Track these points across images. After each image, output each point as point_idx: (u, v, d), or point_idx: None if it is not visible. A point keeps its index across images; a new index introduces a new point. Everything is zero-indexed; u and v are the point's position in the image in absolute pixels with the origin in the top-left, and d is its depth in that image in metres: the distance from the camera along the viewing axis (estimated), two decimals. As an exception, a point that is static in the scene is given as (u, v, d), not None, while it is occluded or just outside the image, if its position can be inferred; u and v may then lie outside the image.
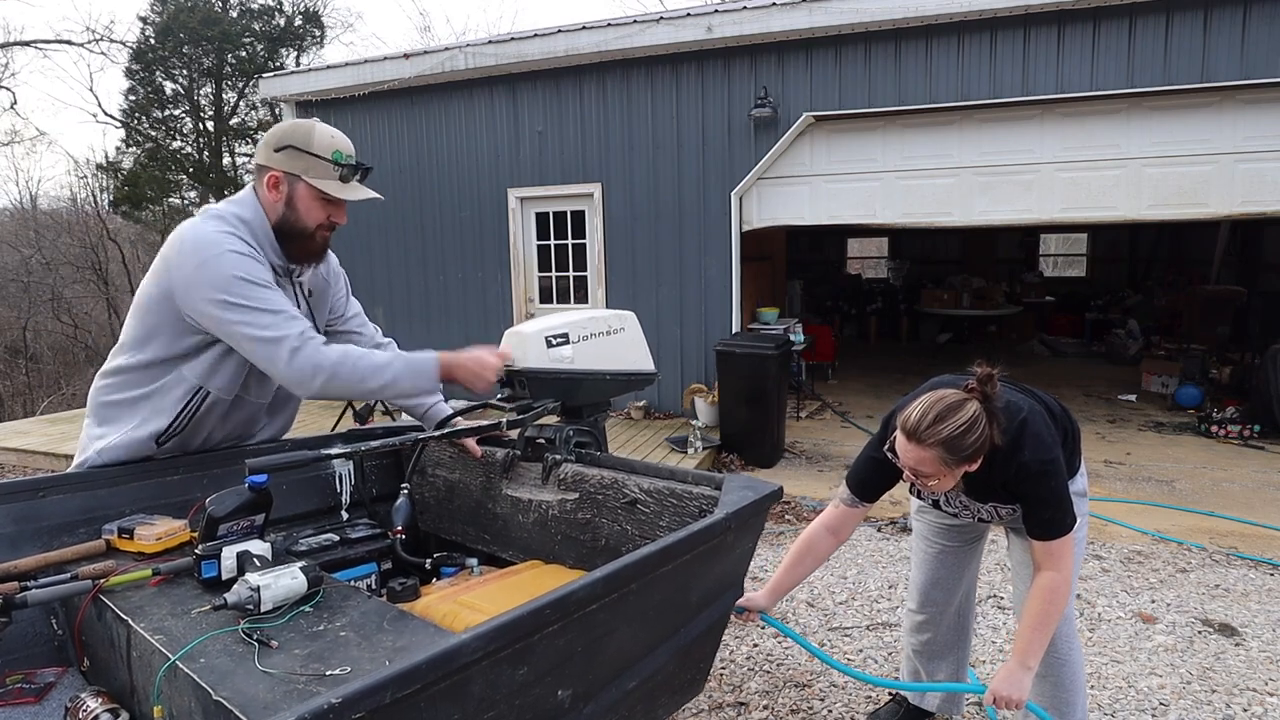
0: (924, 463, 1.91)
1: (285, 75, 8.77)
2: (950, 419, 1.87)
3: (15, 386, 17.69)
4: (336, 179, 2.02)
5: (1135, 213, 6.01)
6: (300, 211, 2.02)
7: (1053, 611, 1.97)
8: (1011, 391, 2.08)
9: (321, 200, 2.03)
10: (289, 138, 1.99)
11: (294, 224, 2.03)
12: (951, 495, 2.20)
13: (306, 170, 1.99)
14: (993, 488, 2.06)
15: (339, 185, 2.03)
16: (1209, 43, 5.49)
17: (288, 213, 2.02)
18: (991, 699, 1.96)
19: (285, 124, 2.06)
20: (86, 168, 23.64)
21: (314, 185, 2.00)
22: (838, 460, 6.30)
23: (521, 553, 2.27)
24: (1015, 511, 2.12)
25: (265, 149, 2.03)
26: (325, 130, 2.03)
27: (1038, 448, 1.95)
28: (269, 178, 2.01)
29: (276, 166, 2.00)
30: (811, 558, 2.29)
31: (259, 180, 2.03)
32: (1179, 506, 5.08)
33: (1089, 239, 14.42)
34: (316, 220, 2.05)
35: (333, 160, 2.01)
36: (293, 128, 2.02)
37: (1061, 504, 1.98)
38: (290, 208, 2.02)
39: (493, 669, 1.24)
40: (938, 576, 2.51)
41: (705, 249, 7.06)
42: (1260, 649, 3.28)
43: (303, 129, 2.01)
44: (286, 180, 2.00)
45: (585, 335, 2.29)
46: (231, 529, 1.66)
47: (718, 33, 6.54)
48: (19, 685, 1.64)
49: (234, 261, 1.88)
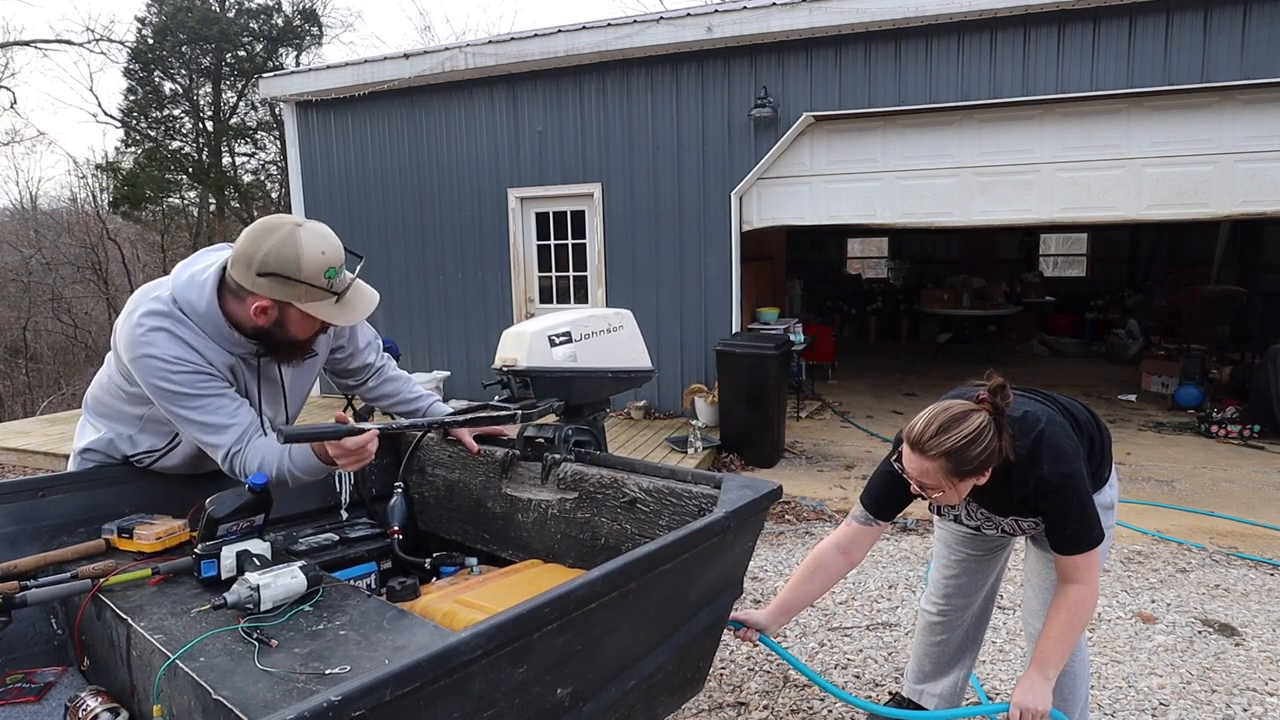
0: (928, 474, 1.86)
1: (285, 75, 8.77)
2: (954, 430, 1.82)
3: (15, 386, 17.71)
4: (332, 300, 1.82)
5: (1135, 213, 6.01)
6: (292, 332, 1.87)
7: (1078, 624, 1.93)
8: (1030, 400, 2.03)
9: (314, 319, 1.86)
10: (274, 264, 1.73)
11: (283, 339, 1.89)
12: (972, 509, 2.16)
13: (298, 298, 1.78)
14: (1012, 502, 2.00)
15: (335, 309, 1.83)
16: (1209, 43, 5.49)
17: (275, 330, 1.86)
18: (1018, 714, 1.89)
19: (263, 242, 1.75)
20: (86, 168, 23.68)
21: (308, 313, 1.82)
22: (837, 460, 6.30)
23: (521, 552, 2.27)
24: (1038, 525, 2.06)
25: (245, 270, 1.76)
26: (312, 245, 1.76)
27: (1057, 460, 1.89)
28: (256, 306, 1.79)
29: (262, 294, 1.77)
30: (820, 577, 2.20)
31: (239, 299, 1.81)
32: (1179, 506, 5.09)
33: (1089, 239, 14.42)
34: (309, 334, 1.91)
35: (326, 282, 1.78)
36: (278, 250, 1.74)
37: (1085, 518, 1.91)
38: (280, 328, 1.86)
39: (492, 668, 1.24)
40: (959, 583, 2.45)
41: (705, 249, 7.06)
42: (1260, 649, 3.28)
43: (288, 251, 1.74)
44: (276, 307, 1.81)
45: (586, 334, 2.29)
46: (231, 529, 1.66)
47: (718, 33, 6.55)
48: (19, 684, 1.64)
49: (157, 369, 1.78)
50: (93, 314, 19.67)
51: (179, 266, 1.92)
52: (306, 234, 1.78)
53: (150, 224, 21.00)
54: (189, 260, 1.95)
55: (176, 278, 1.88)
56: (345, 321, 1.88)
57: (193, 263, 1.92)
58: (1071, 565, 1.95)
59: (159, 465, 2.08)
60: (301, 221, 1.82)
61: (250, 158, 22.01)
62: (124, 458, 2.06)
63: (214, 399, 1.85)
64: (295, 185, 8.73)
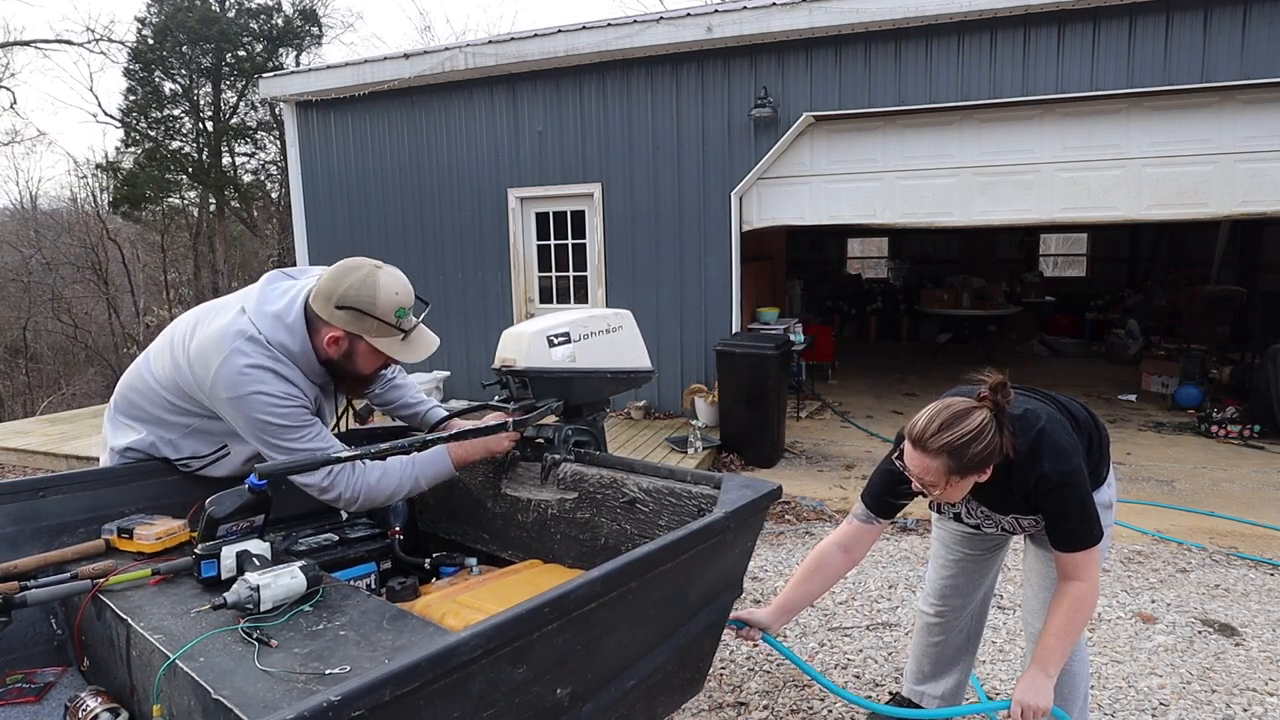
0: (929, 471, 1.87)
1: (285, 75, 8.77)
2: (956, 427, 1.83)
3: (15, 386, 17.71)
4: (400, 338, 1.98)
5: (1135, 213, 6.01)
6: (358, 365, 2.01)
7: (1078, 621, 1.93)
8: (1030, 399, 2.04)
9: (382, 354, 2.00)
10: (353, 299, 1.91)
11: (349, 371, 2.03)
12: (973, 507, 2.16)
13: (369, 331, 1.95)
14: (1013, 499, 2.01)
15: (401, 346, 2.00)
16: (1209, 43, 5.49)
17: (343, 362, 2.00)
18: (1019, 711, 1.90)
19: (345, 279, 1.94)
20: (86, 168, 23.68)
21: (377, 347, 1.97)
22: (837, 460, 6.30)
23: (521, 552, 2.27)
24: (1038, 523, 2.07)
25: (325, 303, 1.94)
26: (388, 286, 1.94)
27: (1058, 458, 1.90)
28: (329, 336, 1.95)
29: (338, 325, 1.94)
30: (821, 576, 2.21)
31: (315, 330, 1.97)
32: (1179, 506, 5.08)
33: (1089, 239, 14.42)
34: (373, 368, 2.05)
35: (397, 321, 1.95)
36: (357, 287, 1.92)
37: (1086, 515, 1.92)
38: (348, 359, 2.00)
39: (492, 667, 1.24)
40: (956, 583, 2.46)
41: (705, 249, 7.06)
42: (1260, 649, 3.28)
43: (367, 289, 1.92)
44: (348, 339, 1.96)
45: (585, 334, 2.29)
46: (231, 529, 1.66)
47: (718, 33, 6.55)
48: (19, 685, 1.64)
49: (262, 405, 1.89)
50: (93, 314, 19.67)
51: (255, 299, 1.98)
52: (384, 275, 1.96)
53: (150, 224, 20.99)
54: (262, 291, 2.01)
55: (259, 313, 1.95)
56: (408, 359, 2.02)
57: (268, 297, 2.00)
58: (1072, 563, 1.95)
59: (204, 472, 2.14)
60: (381, 264, 1.99)
61: (250, 158, 22.02)
62: (164, 459, 2.12)
63: (317, 429, 1.99)
64: (295, 185, 8.73)
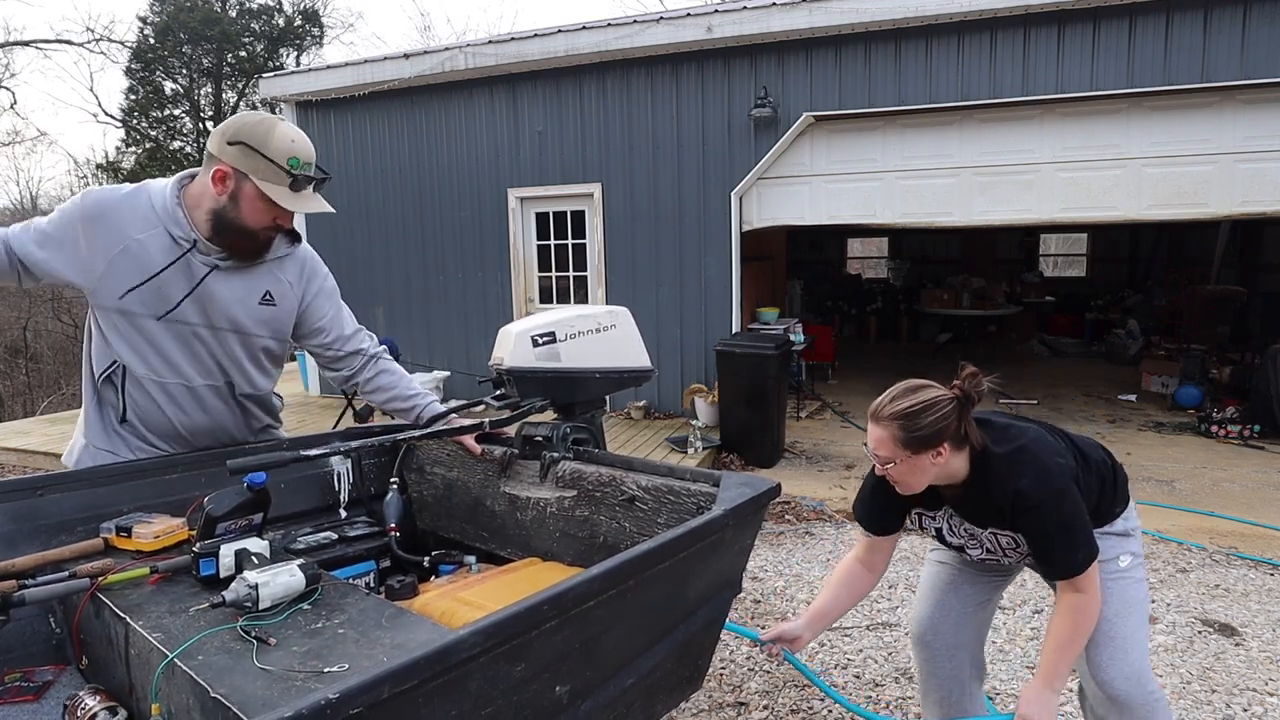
0: (882, 444, 1.90)
1: (285, 75, 8.78)
2: (908, 398, 1.89)
3: (15, 386, 17.71)
4: (287, 186, 1.91)
5: (1135, 213, 6.01)
6: (243, 211, 1.92)
7: (1080, 632, 1.91)
8: (1030, 425, 2.02)
9: (267, 203, 1.91)
10: (245, 133, 1.87)
11: (234, 220, 1.94)
12: (954, 524, 2.12)
13: (256, 171, 1.88)
14: (990, 509, 1.98)
15: (288, 194, 1.91)
16: (1209, 43, 5.49)
17: (230, 206, 1.92)
18: None
19: (247, 116, 1.93)
20: (86, 168, 23.65)
21: (262, 188, 1.89)
22: (838, 460, 6.30)
23: (519, 550, 2.27)
24: (1018, 545, 2.03)
25: (219, 138, 1.90)
26: (286, 132, 1.90)
27: (1041, 477, 1.86)
28: (216, 170, 1.89)
29: (226, 161, 1.88)
30: (846, 592, 2.21)
31: (205, 168, 1.93)
32: (1179, 506, 5.08)
33: (1089, 239, 14.43)
34: (259, 223, 1.95)
35: (288, 167, 1.89)
36: (253, 123, 1.89)
37: (1070, 536, 1.87)
38: (233, 203, 1.92)
39: (490, 665, 1.23)
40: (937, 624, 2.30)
41: (705, 249, 7.06)
42: (1260, 649, 3.28)
43: (263, 126, 1.89)
44: (235, 177, 1.89)
45: (573, 333, 2.26)
46: (229, 527, 1.66)
47: (717, 33, 6.55)
48: (17, 683, 1.64)
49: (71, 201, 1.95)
50: (93, 314, 19.64)
51: None
52: (284, 125, 1.92)
53: (150, 224, 20.97)
54: None
55: None
56: (293, 207, 1.93)
57: None
58: (1071, 586, 1.93)
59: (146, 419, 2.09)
60: (286, 119, 1.93)
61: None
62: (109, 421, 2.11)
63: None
64: (295, 185, 8.72)
